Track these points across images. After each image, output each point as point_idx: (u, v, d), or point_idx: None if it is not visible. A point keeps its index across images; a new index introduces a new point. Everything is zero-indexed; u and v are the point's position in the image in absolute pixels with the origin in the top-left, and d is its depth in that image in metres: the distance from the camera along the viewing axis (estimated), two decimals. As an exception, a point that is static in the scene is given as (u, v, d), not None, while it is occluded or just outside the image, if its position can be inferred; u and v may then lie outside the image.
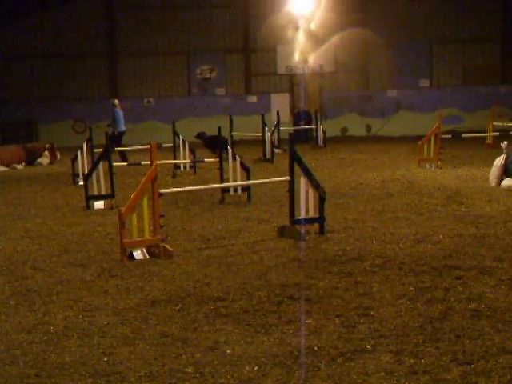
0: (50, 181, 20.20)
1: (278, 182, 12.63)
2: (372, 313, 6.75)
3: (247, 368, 5.52)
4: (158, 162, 9.77)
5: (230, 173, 14.43)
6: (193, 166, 20.34)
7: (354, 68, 37.14)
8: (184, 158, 20.20)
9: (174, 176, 19.40)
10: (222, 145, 15.28)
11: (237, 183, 14.13)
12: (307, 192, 10.63)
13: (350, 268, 8.53)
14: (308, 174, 10.56)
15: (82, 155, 18.14)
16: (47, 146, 27.09)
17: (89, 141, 18.47)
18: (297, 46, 36.14)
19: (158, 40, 37.68)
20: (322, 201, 10.61)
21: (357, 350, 5.80)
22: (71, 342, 6.25)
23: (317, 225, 10.74)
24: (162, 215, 9.76)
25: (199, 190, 14.21)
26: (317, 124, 30.08)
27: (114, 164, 15.04)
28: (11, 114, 36.70)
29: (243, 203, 14.11)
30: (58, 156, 27.11)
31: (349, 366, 5.47)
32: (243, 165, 14.50)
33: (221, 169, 14.55)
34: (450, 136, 22.51)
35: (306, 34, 35.60)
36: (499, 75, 36.86)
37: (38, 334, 6.50)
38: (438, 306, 6.88)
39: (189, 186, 15.25)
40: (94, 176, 14.55)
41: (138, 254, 9.44)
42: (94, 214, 13.61)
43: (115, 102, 26.08)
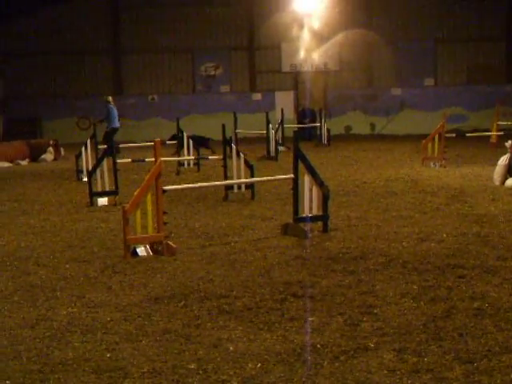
0: (53, 177, 20.22)
1: (281, 179, 12.63)
2: (375, 311, 6.75)
3: (250, 365, 5.52)
4: (162, 158, 9.76)
5: (233, 170, 14.43)
6: (197, 163, 20.35)
7: (359, 66, 37.15)
8: (188, 155, 20.20)
9: (178, 173, 19.40)
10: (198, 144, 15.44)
11: (241, 181, 14.13)
12: (311, 190, 10.63)
13: (354, 266, 8.53)
14: (312, 171, 10.55)
15: (86, 152, 18.16)
16: (51, 142, 27.13)
17: (93, 137, 18.51)
18: (301, 44, 36.18)
19: (162, 37, 37.71)
20: (325, 199, 10.61)
21: (360, 347, 5.80)
22: (74, 337, 6.26)
23: (320, 223, 10.74)
24: (166, 212, 9.76)
25: (203, 187, 14.23)
26: (321, 122, 30.09)
27: (117, 161, 15.03)
28: (15, 111, 36.77)
29: (247, 201, 14.11)
30: (62, 152, 27.15)
31: (352, 364, 5.47)
32: (247, 162, 14.50)
33: (225, 166, 14.55)
34: (454, 135, 22.49)
35: (311, 32, 35.62)
36: (504, 74, 36.87)
37: (41, 329, 6.50)
38: (441, 305, 6.87)
39: (193, 183, 15.25)
40: (98, 172, 14.56)
41: (141, 251, 9.45)
42: (98, 211, 13.62)
43: (109, 98, 26.22)
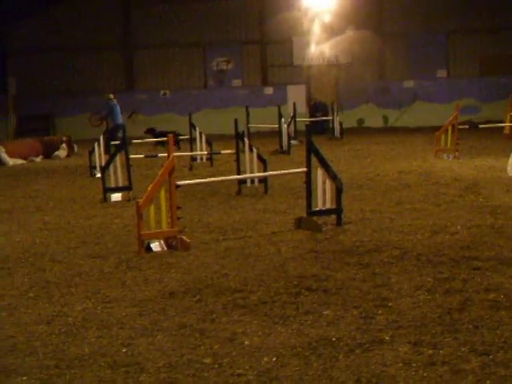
0: (67, 173, 20.29)
1: (294, 173, 12.61)
2: (390, 304, 6.74)
3: (265, 359, 5.52)
4: (175, 154, 9.77)
5: (246, 164, 14.43)
6: (209, 158, 20.35)
7: (371, 59, 37.01)
8: (201, 149, 20.21)
9: (191, 168, 19.41)
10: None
11: (254, 175, 14.13)
12: (324, 183, 10.62)
13: (368, 259, 8.52)
14: (325, 165, 10.54)
15: (99, 148, 18.20)
16: (64, 138, 27.21)
17: (105, 133, 18.56)
18: (313, 38, 36.10)
19: (174, 32, 37.71)
20: (339, 192, 10.59)
21: (375, 340, 5.79)
22: (90, 333, 6.28)
23: (334, 216, 10.73)
24: (179, 207, 9.78)
25: (216, 181, 14.24)
26: (333, 115, 30.03)
27: (130, 156, 15.06)
28: (28, 108, 36.86)
29: (260, 195, 14.11)
30: (75, 149, 27.23)
31: (367, 357, 5.46)
32: (260, 156, 14.50)
33: (238, 160, 14.55)
34: (467, 126, 22.40)
35: (322, 26, 35.53)
36: (517, 65, 36.65)
37: (57, 325, 6.53)
38: (456, 297, 6.86)
39: (206, 177, 15.26)
40: (111, 168, 14.59)
41: (155, 246, 9.46)
42: (112, 206, 13.65)
43: (110, 96, 26.22)
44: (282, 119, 24.32)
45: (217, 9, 37.54)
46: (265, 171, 14.08)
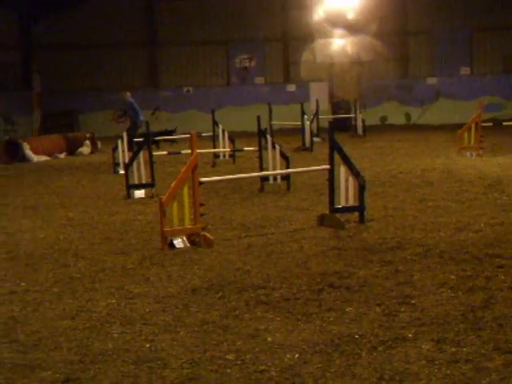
0: (90, 170, 20.40)
1: (317, 170, 12.60)
2: (413, 301, 6.72)
3: (288, 356, 5.53)
4: (198, 150, 9.79)
5: (269, 161, 14.44)
6: (232, 155, 20.37)
7: (393, 56, 36.91)
8: (223, 146, 20.24)
9: (214, 165, 19.45)
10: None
11: (276, 172, 14.14)
12: (347, 180, 10.61)
13: (391, 256, 8.51)
14: (348, 162, 10.53)
15: (123, 144, 18.27)
16: (88, 135, 27.34)
17: (129, 130, 18.62)
18: (335, 35, 36.03)
19: (197, 29, 37.76)
20: (361, 189, 10.58)
21: (398, 338, 5.79)
22: (114, 328, 6.32)
23: (357, 213, 10.72)
24: (202, 204, 9.80)
25: (239, 178, 14.26)
26: (356, 113, 29.96)
27: (153, 153, 15.11)
28: (53, 105, 37.06)
29: (283, 192, 14.12)
30: (99, 145, 27.35)
31: (390, 354, 5.46)
32: (283, 153, 14.51)
33: (260, 158, 14.57)
34: (490, 124, 22.29)
35: (345, 22, 35.44)
36: (541, 62, 36.41)
37: (81, 320, 6.58)
38: (479, 295, 6.84)
39: (228, 174, 15.29)
40: (135, 165, 14.65)
41: (178, 243, 9.50)
42: (135, 203, 13.71)
43: (128, 94, 26.22)
44: (305, 116, 24.31)
45: (240, 6, 37.54)
46: (287, 168, 14.08)
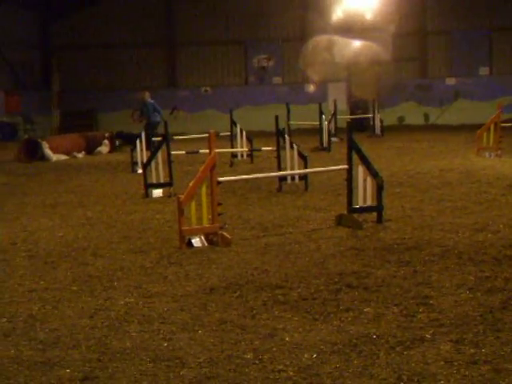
0: (109, 169, 20.47)
1: (335, 170, 12.59)
2: (431, 302, 6.70)
3: (306, 355, 5.53)
4: (216, 150, 9.80)
5: (287, 161, 14.44)
6: (250, 155, 20.38)
7: (412, 56, 36.83)
8: (241, 146, 20.25)
9: (232, 164, 19.47)
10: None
11: (294, 172, 14.13)
12: (365, 181, 10.60)
13: (409, 257, 8.49)
14: (366, 162, 10.52)
15: (141, 144, 18.31)
16: (107, 134, 27.44)
17: (147, 130, 18.66)
18: (354, 34, 35.97)
19: (215, 29, 37.84)
20: (379, 189, 10.56)
21: (416, 338, 5.77)
22: (132, 327, 6.34)
23: (375, 213, 10.71)
24: (220, 203, 9.82)
25: (257, 178, 14.26)
26: (374, 113, 29.91)
27: (172, 152, 15.14)
28: (72, 104, 37.24)
29: (300, 192, 14.11)
30: (117, 144, 27.43)
31: (408, 355, 5.44)
32: (301, 153, 14.50)
33: (278, 157, 14.57)
34: (509, 124, 22.19)
35: (364, 22, 35.38)
36: (561, 62, 36.20)
37: (99, 319, 6.60)
38: (498, 296, 6.81)
39: (246, 174, 15.30)
40: (153, 164, 14.69)
41: (196, 242, 9.52)
42: (153, 202, 13.75)
43: (147, 94, 26.23)
44: (323, 116, 24.29)
45: (258, 6, 37.56)
46: (305, 168, 14.07)
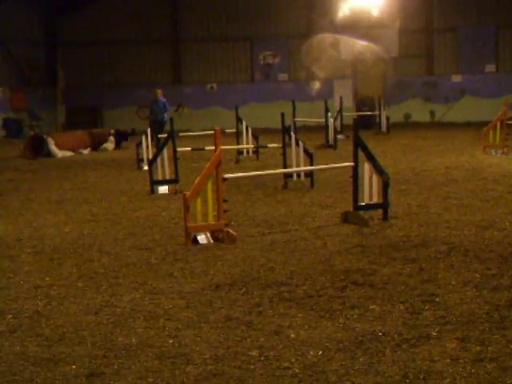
0: (114, 166, 20.47)
1: (341, 167, 12.58)
2: (437, 299, 6.69)
3: (311, 352, 5.53)
4: (222, 147, 9.79)
5: (293, 158, 14.42)
6: (256, 152, 20.37)
7: (418, 53, 36.75)
8: (247, 143, 20.24)
9: (237, 161, 19.46)
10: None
11: (300, 169, 14.12)
12: (371, 178, 10.58)
13: (415, 254, 8.47)
14: (372, 159, 10.50)
15: (147, 141, 18.31)
16: (112, 131, 27.44)
17: (153, 127, 18.67)
18: (360, 31, 35.90)
19: (221, 26, 37.81)
20: (385, 186, 10.55)
21: (422, 336, 5.76)
22: (137, 323, 6.34)
23: (380, 211, 10.69)
24: (226, 200, 9.81)
25: (262, 175, 14.25)
26: (380, 110, 29.87)
27: (178, 149, 15.13)
28: (77, 101, 37.27)
29: (306, 189, 14.10)
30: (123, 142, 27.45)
31: (414, 352, 5.44)
32: (306, 150, 14.48)
33: (284, 154, 14.55)
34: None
35: (370, 19, 35.31)
36: None
37: (104, 315, 6.60)
38: (504, 294, 6.79)
39: (252, 171, 15.29)
40: (159, 161, 14.68)
41: (202, 239, 9.51)
42: (159, 199, 13.75)
43: (159, 91, 26.16)
44: (329, 113, 24.26)
45: (264, 3, 37.52)
46: (311, 165, 14.06)
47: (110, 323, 6.38)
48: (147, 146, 18.18)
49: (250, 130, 20.38)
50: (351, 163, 10.68)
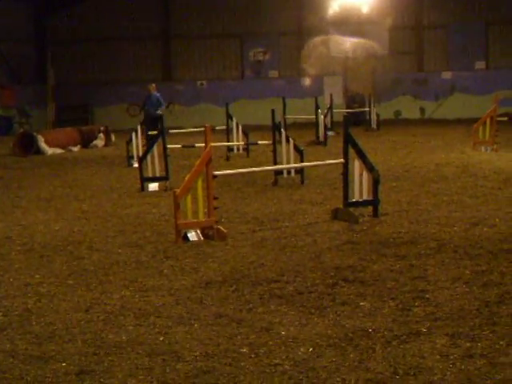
0: (105, 163, 20.43)
1: (331, 164, 12.59)
2: (427, 296, 6.71)
3: (302, 349, 5.53)
4: (212, 144, 9.79)
5: (283, 155, 14.42)
6: (246, 149, 20.36)
7: (408, 50, 36.76)
8: (237, 140, 20.22)
9: (228, 158, 19.45)
10: None
11: (290, 165, 14.12)
12: (361, 175, 10.59)
13: (405, 251, 8.49)
14: (362, 156, 10.51)
15: (137, 138, 18.28)
16: (102, 128, 27.37)
17: (143, 123, 18.62)
18: (350, 28, 35.91)
19: (211, 22, 37.74)
20: (376, 183, 10.56)
21: (412, 332, 5.77)
22: (128, 321, 6.33)
23: (371, 207, 10.70)
24: (216, 197, 9.80)
25: (253, 172, 14.25)
26: (370, 107, 29.89)
27: (168, 146, 15.11)
28: (67, 98, 37.13)
29: (297, 186, 14.10)
30: (113, 138, 27.37)
31: (404, 349, 5.45)
32: (297, 147, 14.48)
33: (274, 151, 14.54)
34: (506, 118, 22.18)
35: (360, 16, 35.32)
36: (557, 56, 36.15)
37: (95, 313, 6.60)
38: (494, 290, 6.81)
39: (242, 168, 15.29)
40: (149, 158, 14.66)
41: (192, 236, 9.51)
42: (149, 196, 13.73)
43: (153, 86, 26.09)
44: (319, 110, 24.27)
45: (254, 0, 37.47)
46: (301, 162, 14.06)
47: (100, 321, 6.37)
48: (137, 143, 18.14)
49: (240, 127, 20.35)
50: (341, 160, 10.69)
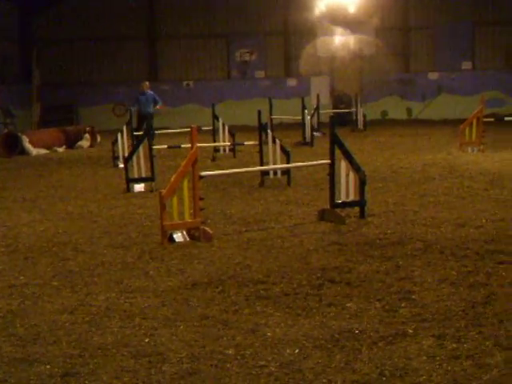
0: (90, 164, 20.36)
1: (318, 165, 12.58)
2: (413, 297, 6.70)
3: (288, 351, 5.51)
4: (198, 144, 9.75)
5: (269, 156, 14.40)
6: (232, 149, 20.32)
7: (395, 50, 36.83)
8: (224, 141, 20.18)
9: (214, 159, 19.41)
10: None
11: (277, 166, 14.11)
12: (348, 175, 10.59)
13: (391, 252, 8.48)
14: (349, 157, 10.50)
15: (122, 138, 18.22)
16: (87, 129, 27.28)
17: (129, 124, 18.56)
18: (337, 29, 35.96)
19: (197, 23, 37.69)
20: (362, 184, 10.55)
21: (398, 333, 5.76)
22: (113, 322, 6.30)
23: (357, 208, 10.70)
24: (202, 198, 9.77)
25: (239, 173, 14.23)
26: (357, 107, 29.92)
27: (154, 147, 15.06)
28: (52, 98, 36.98)
29: (283, 186, 14.09)
30: (98, 139, 27.29)
31: (390, 350, 5.44)
32: (283, 148, 14.46)
33: (261, 152, 14.52)
34: (492, 119, 22.22)
35: (346, 17, 35.36)
36: (543, 57, 36.31)
37: (80, 314, 6.55)
38: (480, 291, 6.81)
39: (228, 169, 15.25)
40: (135, 159, 14.61)
41: (178, 237, 9.48)
42: (135, 197, 13.69)
43: (147, 84, 25.94)
44: (306, 111, 24.27)
45: (241, 0, 37.44)
46: (288, 163, 14.04)
47: (85, 322, 6.34)
48: (123, 144, 18.08)
49: (226, 128, 20.30)
50: (328, 161, 10.68)
